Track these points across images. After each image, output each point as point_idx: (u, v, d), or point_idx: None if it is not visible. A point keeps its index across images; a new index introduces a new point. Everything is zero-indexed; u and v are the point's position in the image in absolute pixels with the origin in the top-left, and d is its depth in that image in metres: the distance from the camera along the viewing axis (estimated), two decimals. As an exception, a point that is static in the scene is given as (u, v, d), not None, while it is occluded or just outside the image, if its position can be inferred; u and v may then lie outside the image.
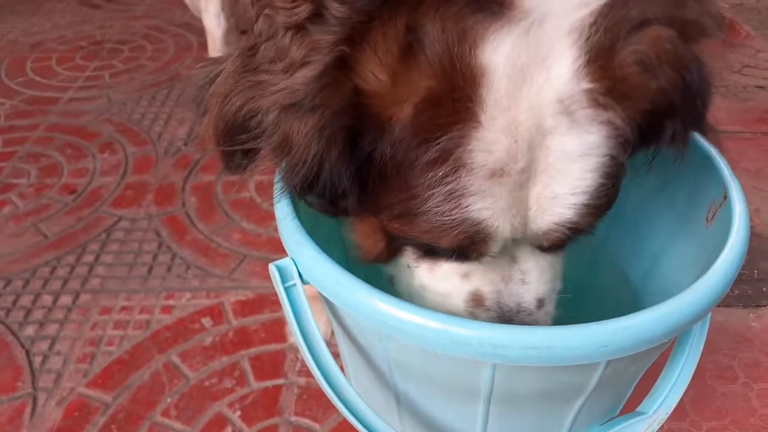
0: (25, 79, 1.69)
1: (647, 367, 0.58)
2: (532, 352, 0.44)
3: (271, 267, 0.54)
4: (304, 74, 0.44)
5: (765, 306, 0.97)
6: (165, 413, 0.83)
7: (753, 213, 1.16)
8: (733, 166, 0.61)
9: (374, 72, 0.44)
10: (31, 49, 1.85)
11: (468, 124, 0.43)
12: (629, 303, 0.71)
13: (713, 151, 0.62)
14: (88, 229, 1.16)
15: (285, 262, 0.54)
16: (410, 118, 0.43)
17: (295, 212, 0.56)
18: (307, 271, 0.53)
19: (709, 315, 0.58)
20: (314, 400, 0.84)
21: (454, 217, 0.46)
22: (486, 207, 0.45)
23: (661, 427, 0.80)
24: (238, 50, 0.51)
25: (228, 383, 0.87)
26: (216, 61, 0.55)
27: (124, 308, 1.00)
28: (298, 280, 0.54)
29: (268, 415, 0.83)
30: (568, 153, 0.45)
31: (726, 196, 0.57)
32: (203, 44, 1.47)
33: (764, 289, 1.00)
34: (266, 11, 0.48)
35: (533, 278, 0.54)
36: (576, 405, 0.54)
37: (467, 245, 0.49)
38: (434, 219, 0.46)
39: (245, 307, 0.99)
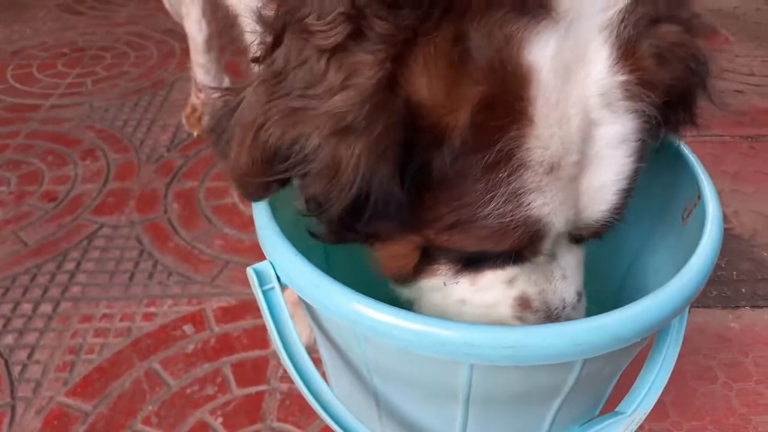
0: (6, 86, 1.67)
1: (623, 367, 0.59)
2: (509, 351, 0.44)
3: (249, 270, 0.53)
4: (349, 96, 0.43)
5: (744, 307, 0.98)
6: (146, 421, 0.82)
7: (731, 215, 1.17)
8: (712, 168, 0.62)
9: (426, 85, 0.44)
10: (12, 56, 1.83)
11: (523, 122, 0.45)
12: (609, 303, 0.71)
13: (687, 151, 0.63)
14: (69, 237, 1.15)
15: (263, 265, 0.54)
16: (468, 124, 0.44)
17: (273, 216, 0.55)
18: (284, 274, 0.53)
19: (687, 314, 0.58)
20: (296, 406, 0.84)
21: (515, 218, 0.47)
22: (546, 203, 0.47)
23: (643, 428, 0.81)
24: (257, 79, 0.50)
25: (210, 390, 0.87)
26: (234, 91, 0.53)
27: (104, 316, 0.99)
28: (276, 284, 0.54)
29: (250, 421, 0.82)
30: (612, 142, 0.48)
31: (700, 196, 0.58)
32: (186, 51, 1.46)
33: (743, 290, 1.01)
34: (298, 36, 0.46)
35: (572, 272, 0.56)
36: (554, 405, 0.54)
37: (525, 245, 0.50)
38: (494, 222, 0.47)
39: (227, 314, 0.99)
